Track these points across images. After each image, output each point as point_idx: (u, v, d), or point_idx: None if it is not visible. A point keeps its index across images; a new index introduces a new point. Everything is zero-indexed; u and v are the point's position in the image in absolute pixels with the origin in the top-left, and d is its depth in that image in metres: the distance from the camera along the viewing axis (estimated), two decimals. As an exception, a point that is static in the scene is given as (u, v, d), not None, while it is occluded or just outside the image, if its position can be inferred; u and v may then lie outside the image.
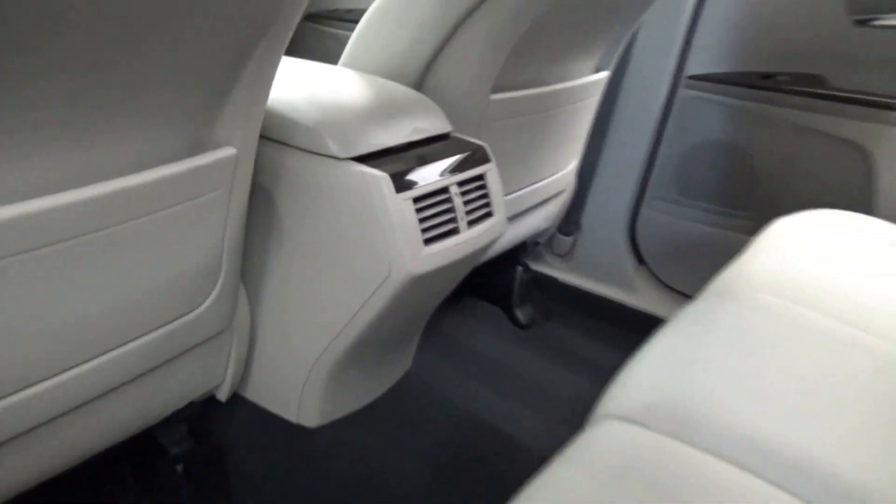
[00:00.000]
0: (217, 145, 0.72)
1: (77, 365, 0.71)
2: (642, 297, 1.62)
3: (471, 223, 0.90)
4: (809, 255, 1.02)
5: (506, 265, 1.58)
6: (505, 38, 1.01)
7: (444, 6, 0.99)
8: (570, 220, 1.65)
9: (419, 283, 0.85)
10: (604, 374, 0.75)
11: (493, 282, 1.59)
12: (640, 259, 1.64)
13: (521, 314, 1.58)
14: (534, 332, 1.56)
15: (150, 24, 0.54)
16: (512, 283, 1.59)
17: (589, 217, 1.64)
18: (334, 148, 0.82)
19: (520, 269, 1.59)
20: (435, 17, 1.00)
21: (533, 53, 1.09)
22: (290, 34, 0.68)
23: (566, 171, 1.47)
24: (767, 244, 1.08)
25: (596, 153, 1.57)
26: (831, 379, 0.73)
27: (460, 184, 0.90)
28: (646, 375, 0.73)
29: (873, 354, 0.79)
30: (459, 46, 1.01)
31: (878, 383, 0.74)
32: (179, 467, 0.95)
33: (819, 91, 1.34)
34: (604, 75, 1.39)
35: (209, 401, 0.98)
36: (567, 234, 1.67)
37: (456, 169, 0.91)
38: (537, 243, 1.68)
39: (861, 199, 1.33)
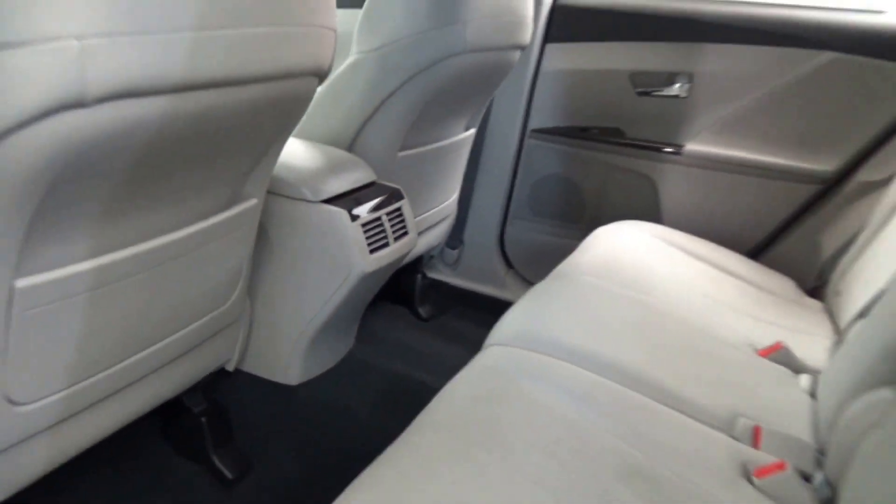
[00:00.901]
0: (246, 198, 1.16)
1: (155, 343, 1.12)
2: (512, 292, 2.15)
3: (395, 239, 1.39)
4: (616, 251, 1.57)
5: (409, 274, 2.06)
6: (408, 115, 1.51)
7: (367, 96, 1.47)
8: (455, 237, 2.16)
9: (367, 278, 1.32)
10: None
11: (400, 288, 2.06)
12: (508, 264, 2.17)
13: (422, 311, 2.07)
14: (432, 324, 2.05)
15: (233, 153, 0.98)
16: (414, 288, 2.07)
17: (469, 234, 2.16)
18: (309, 195, 1.28)
19: (419, 276, 2.08)
20: (362, 101, 1.48)
21: (425, 122, 1.59)
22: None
23: (450, 200, 1.98)
24: (590, 245, 1.63)
25: (471, 187, 2.09)
26: (620, 320, 1.27)
27: (387, 214, 1.38)
28: (512, 321, 1.24)
29: (649, 307, 1.34)
30: (377, 122, 1.50)
31: (649, 323, 1.28)
32: (204, 419, 1.36)
33: (619, 140, 1.93)
34: (472, 132, 1.92)
35: (218, 372, 1.39)
36: (453, 248, 2.18)
37: (383, 205, 1.39)
38: (432, 256, 2.18)
39: (652, 212, 1.93)
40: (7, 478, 0.95)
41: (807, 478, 1.01)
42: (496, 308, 2.15)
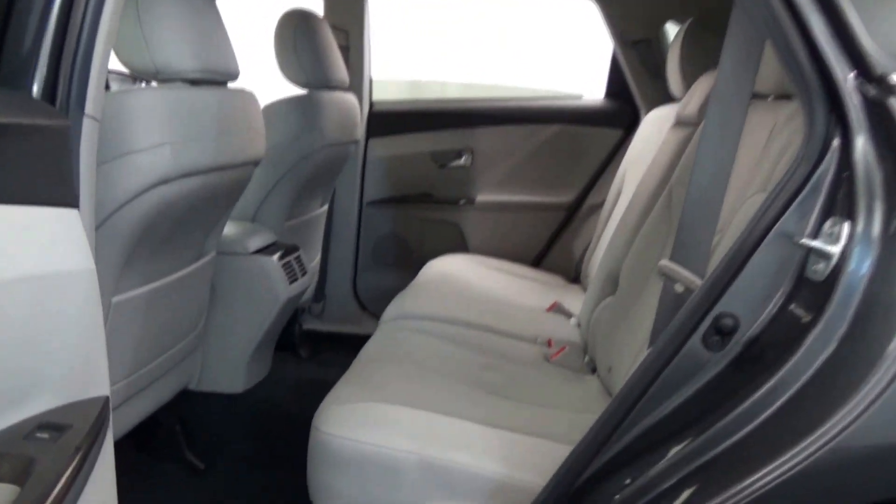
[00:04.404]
0: (208, 252, 1.72)
1: (166, 351, 1.62)
2: (367, 328, 2.77)
3: (301, 275, 2.00)
4: (444, 271, 2.29)
5: (289, 326, 2.62)
6: (290, 194, 2.14)
7: (263, 182, 2.08)
8: (319, 292, 2.77)
9: (288, 302, 1.92)
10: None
11: (284, 338, 2.61)
12: (362, 306, 2.81)
13: (302, 352, 2.62)
14: (312, 360, 2.62)
15: (211, 216, 1.57)
16: (293, 336, 2.63)
17: (329, 288, 2.77)
18: (241, 249, 1.87)
19: (297, 326, 2.64)
20: (260, 186, 2.09)
21: (299, 200, 2.23)
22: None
23: (315, 262, 2.60)
24: (426, 271, 2.33)
25: (327, 251, 2.73)
26: (457, 299, 1.97)
27: (294, 260, 1.99)
28: (392, 308, 1.90)
29: (472, 292, 2.06)
30: (271, 200, 2.11)
31: (475, 299, 2.01)
32: (178, 427, 1.83)
33: (430, 200, 2.70)
34: (325, 207, 2.58)
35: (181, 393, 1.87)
36: (318, 301, 2.78)
37: (287, 254, 2.00)
38: (304, 310, 2.76)
39: (461, 247, 2.69)
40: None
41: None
42: (356, 341, 2.76)
